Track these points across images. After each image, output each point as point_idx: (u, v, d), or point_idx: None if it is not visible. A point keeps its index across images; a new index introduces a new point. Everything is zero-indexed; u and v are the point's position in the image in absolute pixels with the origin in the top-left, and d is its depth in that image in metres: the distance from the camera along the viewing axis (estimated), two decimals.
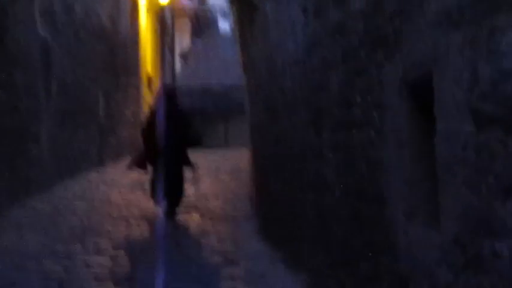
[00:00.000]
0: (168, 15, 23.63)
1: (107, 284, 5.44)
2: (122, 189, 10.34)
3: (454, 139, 2.40)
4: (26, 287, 5.37)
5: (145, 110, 17.83)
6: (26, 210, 8.35)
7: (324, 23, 4.33)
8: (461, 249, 2.36)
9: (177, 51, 30.87)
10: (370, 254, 3.48)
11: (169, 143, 7.91)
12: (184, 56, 34.33)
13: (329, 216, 4.34)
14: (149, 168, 8.38)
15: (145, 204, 9.05)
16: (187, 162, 8.44)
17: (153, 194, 8.20)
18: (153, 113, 8.57)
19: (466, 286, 2.34)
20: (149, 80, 19.15)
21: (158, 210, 8.08)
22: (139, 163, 8.47)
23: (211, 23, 34.63)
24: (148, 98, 18.89)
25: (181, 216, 8.29)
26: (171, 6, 22.43)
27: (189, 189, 10.15)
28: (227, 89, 36.66)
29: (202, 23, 33.25)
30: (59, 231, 7.19)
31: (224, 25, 32.87)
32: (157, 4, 19.57)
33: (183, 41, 35.06)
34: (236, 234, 7.09)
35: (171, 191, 8.08)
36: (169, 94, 8.68)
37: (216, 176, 12.00)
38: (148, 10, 19.42)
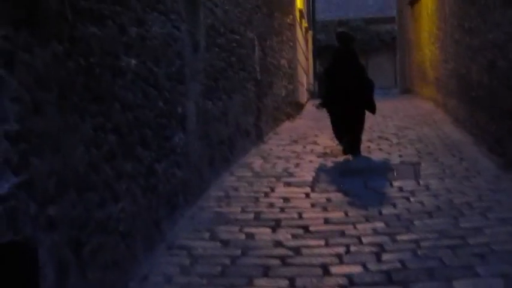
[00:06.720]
0: None
1: None
2: (311, 192, 6.70)
3: None
4: None
5: (301, 58, 14.04)
6: (167, 259, 4.90)
7: None
8: None
9: None
10: None
11: (350, 90, 8.28)
12: None
13: None
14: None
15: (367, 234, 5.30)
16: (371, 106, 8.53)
17: (338, 136, 8.73)
18: (334, 58, 8.73)
19: None
20: (301, 15, 15.20)
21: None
22: (325, 104, 8.74)
23: None
24: (302, 40, 15.04)
25: None
26: None
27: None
28: (367, 22, 32.63)
29: None
30: None
31: None
32: None
33: None
34: None
35: (351, 132, 8.43)
36: (347, 40, 8.74)
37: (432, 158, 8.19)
38: None
